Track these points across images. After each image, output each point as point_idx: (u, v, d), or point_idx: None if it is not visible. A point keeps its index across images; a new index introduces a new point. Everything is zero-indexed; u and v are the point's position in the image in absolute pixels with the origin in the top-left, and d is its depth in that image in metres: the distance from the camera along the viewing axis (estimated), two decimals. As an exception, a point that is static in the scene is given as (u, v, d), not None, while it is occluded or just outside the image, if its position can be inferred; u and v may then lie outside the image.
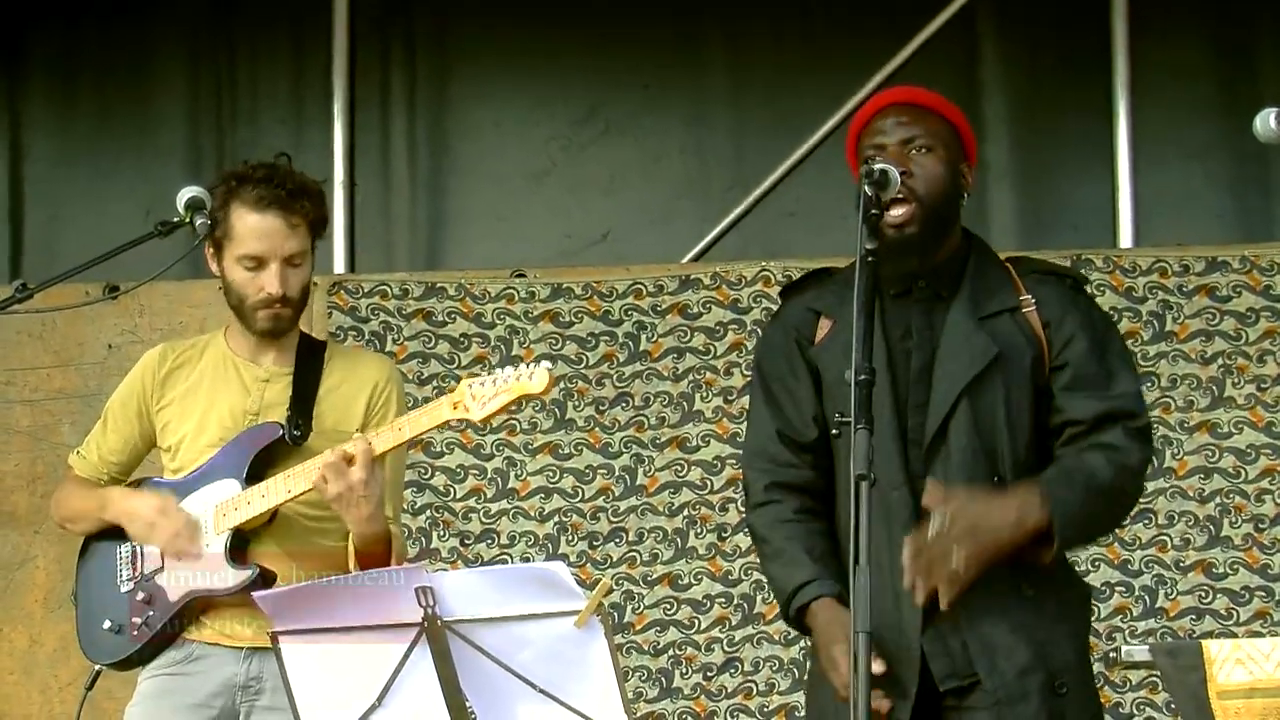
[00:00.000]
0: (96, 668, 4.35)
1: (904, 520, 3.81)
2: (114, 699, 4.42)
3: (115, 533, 4.36)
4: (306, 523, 4.28)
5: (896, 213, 3.82)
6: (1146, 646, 3.51)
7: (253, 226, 4.23)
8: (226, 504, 4.24)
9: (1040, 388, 3.88)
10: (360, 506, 4.07)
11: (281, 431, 4.27)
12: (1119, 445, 3.82)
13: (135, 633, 4.28)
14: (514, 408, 4.20)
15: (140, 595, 4.28)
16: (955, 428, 3.84)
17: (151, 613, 4.27)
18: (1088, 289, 4.02)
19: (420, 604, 3.54)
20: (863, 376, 3.59)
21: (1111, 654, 3.57)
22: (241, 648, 4.25)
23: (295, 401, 4.31)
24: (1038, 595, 3.81)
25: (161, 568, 4.26)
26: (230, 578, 4.21)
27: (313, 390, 4.33)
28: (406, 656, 3.55)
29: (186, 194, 4.13)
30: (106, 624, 4.31)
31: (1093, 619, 3.94)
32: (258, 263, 4.25)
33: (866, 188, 3.74)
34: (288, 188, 4.28)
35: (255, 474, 4.24)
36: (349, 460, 4.07)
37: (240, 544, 4.24)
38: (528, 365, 3.99)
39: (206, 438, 4.33)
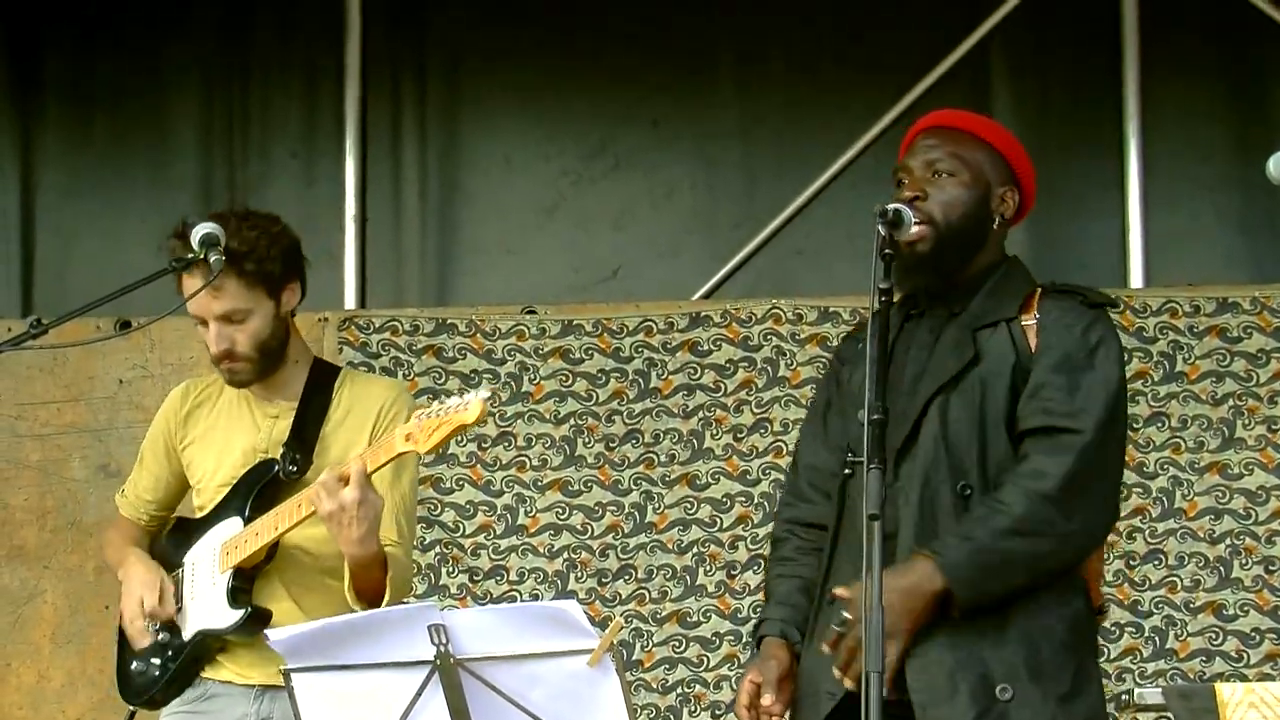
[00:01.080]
0: (131, 709, 4.41)
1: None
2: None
3: None
4: (306, 560, 4.30)
5: (911, 232, 3.82)
6: (1159, 689, 3.48)
7: (185, 286, 4.26)
8: (229, 543, 4.28)
9: (1019, 396, 3.82)
10: (353, 527, 4.05)
11: (277, 468, 4.29)
12: (1042, 470, 3.73)
13: (156, 672, 4.33)
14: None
15: (161, 636, 4.33)
16: (924, 432, 3.81)
17: (169, 652, 4.32)
18: (1110, 313, 3.91)
19: (433, 642, 3.53)
20: (876, 416, 3.59)
21: (1124, 695, 3.54)
22: (254, 686, 4.27)
23: (293, 436, 4.33)
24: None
25: (180, 608, 4.32)
26: (226, 617, 4.26)
27: (315, 424, 4.34)
28: (419, 694, 3.54)
29: (201, 230, 4.13)
30: (135, 665, 4.37)
31: (1086, 632, 3.84)
32: (202, 323, 4.30)
33: (880, 227, 3.75)
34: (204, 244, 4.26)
35: (256, 512, 4.28)
36: (344, 480, 4.06)
37: (245, 583, 4.27)
38: (467, 395, 3.99)
39: (221, 477, 4.37)
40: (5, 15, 6.86)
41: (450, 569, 6.16)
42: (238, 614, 4.24)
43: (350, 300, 6.59)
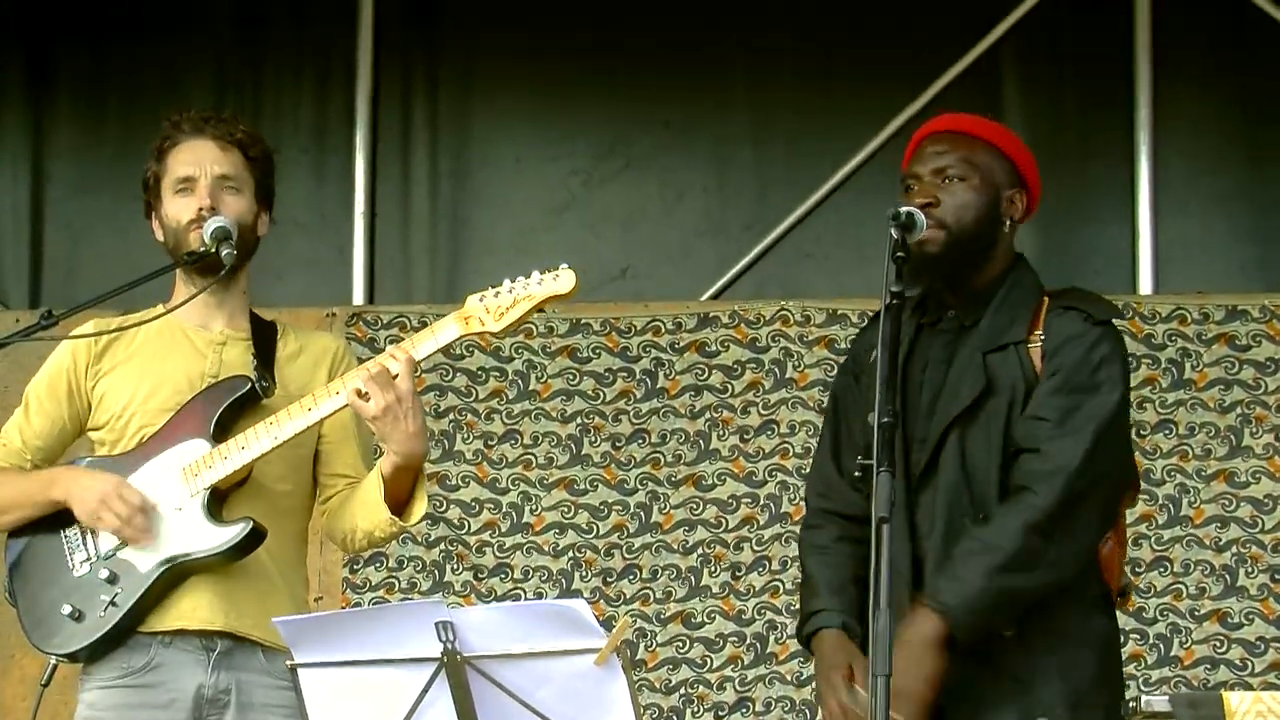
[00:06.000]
0: (53, 661, 4.02)
1: (897, 553, 3.77)
2: (66, 692, 4.15)
3: (51, 520, 4.08)
4: (274, 491, 4.11)
5: (924, 233, 3.83)
6: (1167, 696, 3.48)
7: (183, 149, 4.14)
8: (197, 463, 4.03)
9: None
10: (409, 420, 3.92)
11: (250, 384, 4.09)
12: (1030, 501, 3.76)
13: (102, 614, 4.00)
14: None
15: (103, 574, 4.01)
16: (945, 462, 3.84)
17: (119, 590, 4.01)
18: (1116, 325, 3.94)
19: (440, 639, 3.52)
20: (885, 419, 3.59)
21: (1130, 703, 3.54)
22: (211, 651, 4.04)
23: (260, 358, 4.14)
24: (1021, 634, 3.78)
25: (123, 542, 4.02)
26: (215, 536, 4.00)
27: (270, 354, 4.17)
28: (425, 691, 3.52)
29: (213, 224, 4.09)
30: (66, 610, 4.01)
31: (1115, 657, 3.88)
32: (188, 184, 4.13)
33: (893, 230, 3.75)
34: (221, 117, 4.21)
35: (222, 431, 4.05)
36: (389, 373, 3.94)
37: (217, 504, 4.03)
38: (551, 271, 3.94)
39: (158, 403, 4.11)
40: (20, 9, 6.86)
41: (455, 566, 6.16)
42: (233, 529, 3.99)
43: (359, 296, 6.59)
